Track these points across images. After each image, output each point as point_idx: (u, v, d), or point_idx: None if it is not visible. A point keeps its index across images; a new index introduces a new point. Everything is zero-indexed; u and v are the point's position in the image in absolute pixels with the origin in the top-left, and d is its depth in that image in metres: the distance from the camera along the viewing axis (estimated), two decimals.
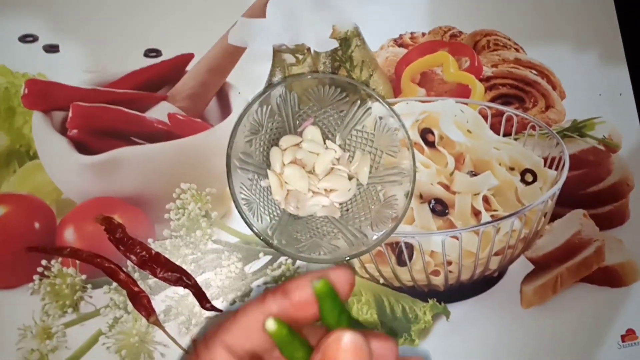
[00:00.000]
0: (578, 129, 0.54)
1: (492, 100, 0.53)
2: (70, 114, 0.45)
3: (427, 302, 0.49)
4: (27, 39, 0.47)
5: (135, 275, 0.45)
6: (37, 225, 0.45)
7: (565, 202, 0.52)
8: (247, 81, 0.50)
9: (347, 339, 0.24)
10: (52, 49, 0.47)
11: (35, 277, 0.44)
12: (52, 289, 0.44)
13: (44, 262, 0.44)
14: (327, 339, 0.24)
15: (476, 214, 0.49)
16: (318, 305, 0.26)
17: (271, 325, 0.25)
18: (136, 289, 0.44)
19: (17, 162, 0.46)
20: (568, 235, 0.52)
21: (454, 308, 0.49)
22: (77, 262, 0.44)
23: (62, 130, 0.46)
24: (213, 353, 0.26)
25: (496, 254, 0.49)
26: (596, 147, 0.54)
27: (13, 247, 0.44)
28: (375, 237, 0.45)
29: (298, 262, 0.48)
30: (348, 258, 0.44)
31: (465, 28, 0.54)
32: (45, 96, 0.46)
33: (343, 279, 0.27)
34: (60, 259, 0.44)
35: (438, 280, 0.49)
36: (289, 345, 0.25)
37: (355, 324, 0.47)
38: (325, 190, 0.46)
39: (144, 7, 0.49)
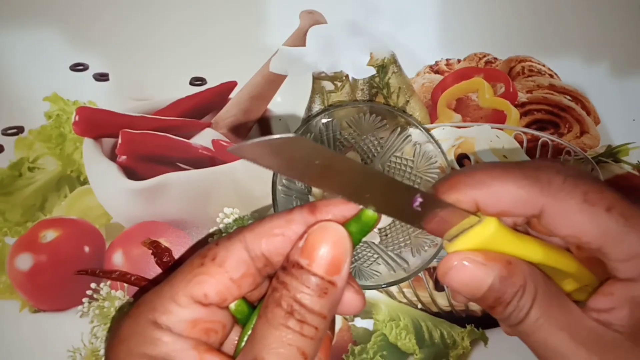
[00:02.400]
0: (612, 154, 0.54)
1: (527, 125, 0.54)
2: (119, 141, 0.47)
3: (465, 327, 0.49)
4: (78, 67, 0.49)
5: None
6: (87, 249, 0.46)
7: None
8: (287, 108, 0.51)
9: (330, 227, 0.25)
10: (102, 77, 0.49)
11: (85, 300, 0.45)
12: (101, 312, 0.45)
13: (93, 285, 0.45)
14: (312, 226, 0.25)
15: None
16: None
17: (232, 305, 0.26)
18: None
19: (68, 187, 0.47)
20: None
21: (492, 334, 0.49)
22: (126, 285, 0.45)
23: (112, 156, 0.47)
24: (232, 244, 0.26)
25: None
26: (631, 172, 0.54)
27: (64, 270, 0.45)
28: (414, 262, 0.45)
29: None
30: (385, 285, 0.44)
31: (500, 54, 0.55)
32: (95, 123, 0.48)
33: None
34: (109, 282, 0.45)
35: (476, 306, 0.49)
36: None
37: (393, 349, 0.48)
38: None
39: (189, 37, 0.50)
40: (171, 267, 0.45)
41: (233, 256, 0.26)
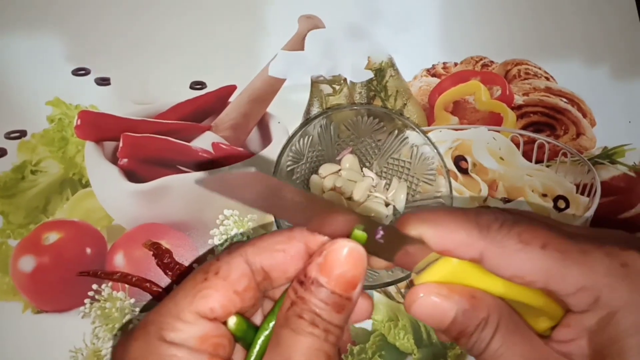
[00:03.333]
0: (609, 156, 0.55)
1: (524, 128, 0.54)
2: (120, 144, 0.47)
3: None
4: (80, 72, 0.50)
5: None
6: (88, 250, 0.46)
7: (597, 228, 0.52)
8: (286, 111, 0.51)
9: (349, 247, 0.26)
10: (103, 81, 0.50)
11: (87, 301, 0.46)
12: (102, 313, 0.46)
13: (94, 286, 0.46)
14: (330, 245, 0.26)
15: None
16: None
17: (231, 322, 0.27)
18: None
19: (70, 190, 0.48)
20: None
21: None
22: (127, 286, 0.46)
23: (113, 159, 0.48)
24: (233, 258, 0.27)
25: None
26: (627, 173, 0.55)
27: (66, 272, 0.46)
28: None
29: None
30: (383, 285, 0.45)
31: (496, 58, 0.55)
32: (97, 127, 0.48)
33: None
34: (110, 284, 0.46)
35: None
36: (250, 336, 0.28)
37: (391, 349, 0.48)
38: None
39: (189, 42, 0.51)
40: (171, 268, 0.46)
41: (235, 270, 0.27)
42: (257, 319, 0.31)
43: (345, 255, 0.26)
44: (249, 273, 0.27)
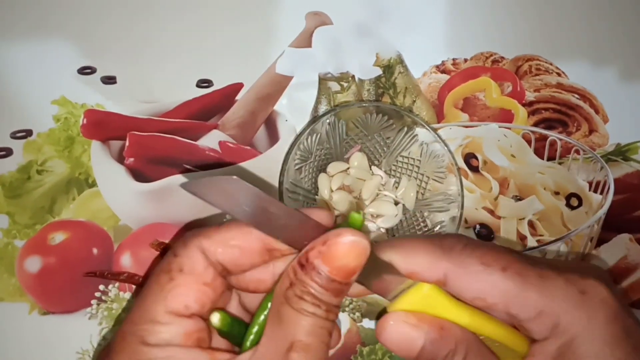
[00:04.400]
0: (622, 152, 0.54)
1: (535, 124, 0.53)
2: (127, 143, 0.47)
3: None
4: (86, 71, 0.49)
5: None
6: (95, 251, 0.46)
7: (610, 226, 0.52)
8: (294, 109, 0.51)
9: (353, 240, 0.26)
10: (109, 80, 0.49)
11: (93, 301, 0.46)
12: (109, 314, 0.45)
13: (101, 287, 0.46)
14: (335, 236, 0.26)
15: (522, 238, 0.49)
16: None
17: (215, 319, 0.27)
18: None
19: (76, 190, 0.48)
20: (614, 260, 0.52)
21: None
22: (134, 286, 0.46)
23: (120, 158, 0.48)
24: (191, 252, 0.27)
25: None
26: None
27: (72, 272, 0.46)
28: None
29: None
30: None
31: (507, 53, 0.54)
32: (103, 126, 0.48)
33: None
34: (117, 284, 0.46)
35: None
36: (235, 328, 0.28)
37: None
38: (372, 215, 0.47)
39: (196, 40, 0.51)
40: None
41: (198, 262, 0.27)
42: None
43: (349, 247, 0.26)
44: (207, 262, 0.27)
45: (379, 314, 0.29)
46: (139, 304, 0.27)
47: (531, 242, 0.49)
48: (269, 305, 0.28)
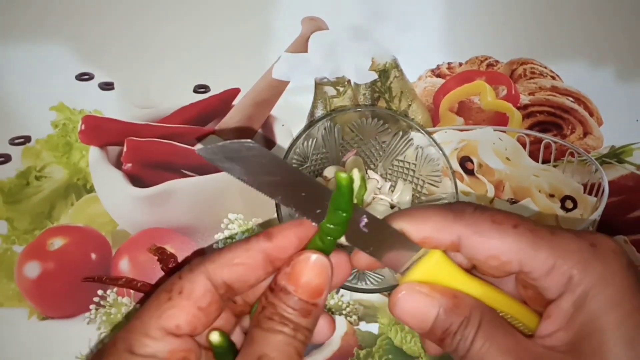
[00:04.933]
0: (616, 155, 0.54)
1: (530, 127, 0.54)
2: (124, 149, 0.47)
3: None
4: (84, 77, 0.50)
5: None
6: (93, 256, 0.46)
7: (606, 228, 0.52)
8: (290, 113, 0.51)
9: (314, 259, 0.28)
10: (107, 86, 0.50)
11: (92, 306, 0.46)
12: (108, 318, 0.46)
13: (100, 292, 0.46)
14: (298, 256, 0.28)
15: None
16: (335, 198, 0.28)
17: (215, 337, 0.29)
18: None
19: (74, 195, 0.48)
20: None
21: None
22: (132, 291, 0.46)
23: (117, 164, 0.48)
24: (195, 277, 0.28)
25: None
26: (635, 172, 0.54)
27: (71, 277, 0.46)
28: None
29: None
30: (389, 288, 0.45)
31: (501, 57, 0.55)
32: (101, 132, 0.48)
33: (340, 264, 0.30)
34: (115, 289, 0.46)
35: None
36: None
37: (398, 352, 0.48)
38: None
39: (193, 45, 0.51)
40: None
41: (198, 287, 0.28)
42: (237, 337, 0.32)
43: (311, 265, 0.28)
44: (211, 289, 0.28)
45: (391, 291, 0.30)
46: (138, 316, 0.28)
47: None
48: None
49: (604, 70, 0.55)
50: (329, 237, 0.28)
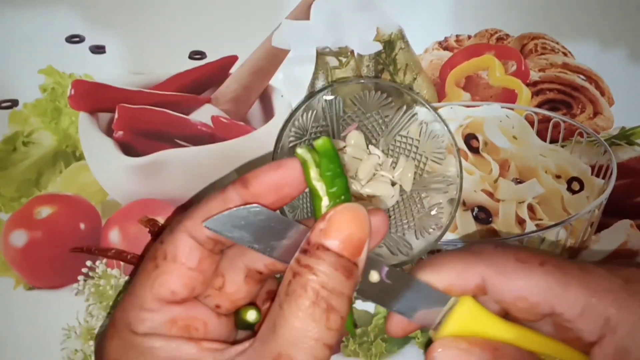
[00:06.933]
0: (626, 136, 0.53)
1: (539, 105, 0.52)
2: (116, 116, 0.46)
3: None
4: (74, 39, 0.48)
5: None
6: (82, 226, 0.45)
7: (612, 212, 0.51)
8: (289, 84, 0.49)
9: (354, 208, 0.25)
10: (98, 50, 0.48)
11: (80, 277, 0.45)
12: (97, 290, 0.45)
13: (88, 263, 0.45)
14: (333, 210, 0.25)
15: (520, 222, 0.48)
16: (313, 166, 0.27)
17: (253, 316, 0.28)
18: None
19: (63, 163, 0.46)
20: (614, 246, 0.51)
21: None
22: (122, 263, 0.45)
23: (108, 131, 0.46)
24: (176, 238, 0.27)
25: None
26: None
27: (58, 247, 0.45)
28: (418, 245, 0.44)
29: None
30: None
31: (512, 31, 0.53)
32: (92, 97, 0.47)
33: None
34: (105, 260, 0.45)
35: None
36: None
37: None
38: (368, 196, 0.46)
39: (189, 9, 0.49)
40: None
41: (182, 248, 0.27)
42: None
43: (351, 216, 0.25)
44: (196, 246, 0.27)
45: (426, 344, 0.29)
46: (130, 291, 0.27)
47: (530, 226, 0.48)
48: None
49: (617, 48, 0.53)
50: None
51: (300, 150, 0.27)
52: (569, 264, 0.27)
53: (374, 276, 0.27)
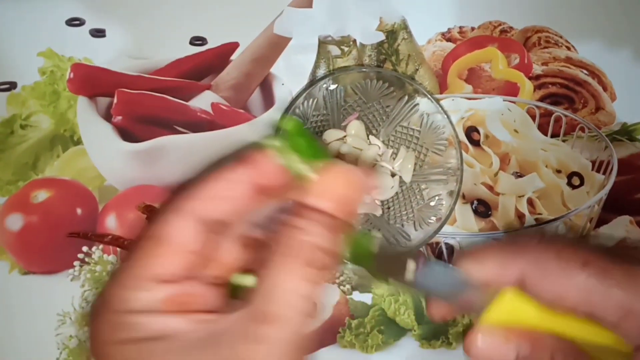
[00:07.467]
0: (628, 132, 0.53)
1: (541, 99, 0.52)
2: (115, 100, 0.46)
3: None
4: (74, 22, 0.48)
5: None
6: (79, 211, 0.45)
7: (611, 207, 0.51)
8: (291, 72, 0.49)
9: (345, 168, 0.24)
10: (98, 33, 0.48)
11: (76, 263, 0.45)
12: (92, 276, 0.44)
13: (85, 248, 0.45)
14: (324, 171, 0.24)
15: (520, 216, 0.48)
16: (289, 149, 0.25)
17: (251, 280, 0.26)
18: None
19: (61, 147, 0.46)
20: (613, 242, 0.51)
21: None
22: (118, 249, 0.45)
23: (107, 116, 0.46)
24: (179, 220, 0.25)
25: None
26: None
27: (55, 232, 0.45)
28: (417, 236, 0.44)
29: None
30: None
31: (516, 23, 0.53)
32: (91, 81, 0.47)
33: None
34: (101, 246, 0.45)
35: None
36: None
37: (391, 324, 0.47)
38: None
39: None
40: None
41: (184, 230, 0.25)
42: None
43: (342, 177, 0.24)
44: (199, 228, 0.25)
45: (464, 330, 0.29)
46: (124, 268, 0.26)
47: (529, 220, 0.48)
48: None
49: (621, 43, 0.53)
50: None
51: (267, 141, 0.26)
52: (614, 266, 0.26)
53: (412, 266, 0.27)
